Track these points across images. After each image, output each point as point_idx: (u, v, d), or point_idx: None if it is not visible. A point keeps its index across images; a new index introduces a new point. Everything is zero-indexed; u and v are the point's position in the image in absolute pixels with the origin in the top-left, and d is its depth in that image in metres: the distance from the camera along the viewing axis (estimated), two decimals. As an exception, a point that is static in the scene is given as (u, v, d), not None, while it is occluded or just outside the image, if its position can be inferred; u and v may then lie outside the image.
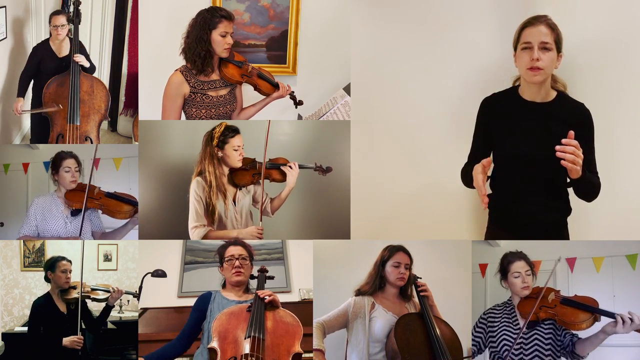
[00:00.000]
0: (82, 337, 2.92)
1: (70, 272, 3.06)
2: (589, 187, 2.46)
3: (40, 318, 2.95)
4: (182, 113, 2.95)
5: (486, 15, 2.95)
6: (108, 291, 3.11)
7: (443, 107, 3.02)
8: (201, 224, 2.69)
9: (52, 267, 3.05)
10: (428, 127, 3.04)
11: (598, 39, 2.86)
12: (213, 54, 2.89)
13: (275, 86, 3.03)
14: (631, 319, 2.38)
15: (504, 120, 2.51)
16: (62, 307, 3.04)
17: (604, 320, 2.46)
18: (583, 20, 2.84)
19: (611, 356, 2.93)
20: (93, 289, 3.13)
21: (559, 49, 2.41)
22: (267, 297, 2.32)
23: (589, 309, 2.49)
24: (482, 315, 2.70)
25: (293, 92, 3.07)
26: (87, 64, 3.37)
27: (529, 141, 2.45)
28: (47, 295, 3.06)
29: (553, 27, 2.39)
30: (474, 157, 2.61)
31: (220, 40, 2.87)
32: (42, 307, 3.00)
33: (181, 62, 2.92)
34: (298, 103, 3.10)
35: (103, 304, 3.13)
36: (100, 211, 3.10)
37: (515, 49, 2.46)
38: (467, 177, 2.57)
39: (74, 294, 3.05)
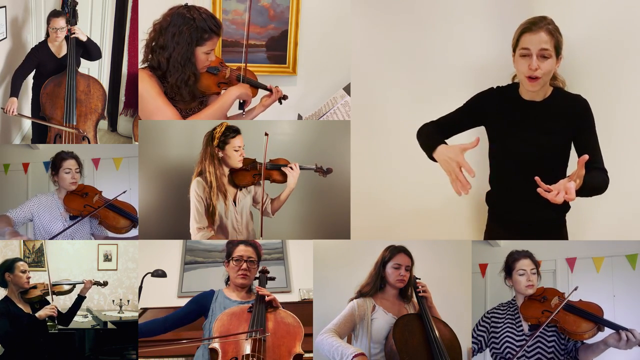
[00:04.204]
0: (54, 306, 2.86)
1: (28, 272, 2.92)
2: (593, 190, 2.36)
3: (7, 321, 2.80)
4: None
5: (487, 15, 2.95)
6: (71, 283, 3.07)
7: (443, 107, 3.01)
8: (204, 226, 2.68)
9: (11, 268, 2.88)
10: (428, 127, 3.04)
11: (597, 36, 2.85)
12: (198, 78, 2.54)
13: (264, 88, 2.81)
14: (634, 337, 2.34)
15: (503, 117, 2.51)
16: (27, 309, 2.89)
17: (608, 330, 2.41)
18: (581, 17, 2.83)
19: (611, 356, 2.94)
20: (55, 284, 3.03)
21: (558, 53, 2.39)
22: (267, 296, 2.33)
23: (593, 318, 2.41)
24: (486, 314, 2.69)
25: (283, 95, 2.84)
26: (83, 37, 3.32)
27: (527, 139, 2.45)
28: (6, 299, 2.88)
29: (553, 33, 2.35)
30: (446, 121, 2.58)
31: (204, 59, 2.55)
32: (5, 311, 2.82)
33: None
34: (282, 98, 2.85)
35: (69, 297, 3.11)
36: (97, 220, 3.05)
37: (514, 50, 2.45)
38: (427, 139, 2.48)
39: (37, 292, 2.91)
